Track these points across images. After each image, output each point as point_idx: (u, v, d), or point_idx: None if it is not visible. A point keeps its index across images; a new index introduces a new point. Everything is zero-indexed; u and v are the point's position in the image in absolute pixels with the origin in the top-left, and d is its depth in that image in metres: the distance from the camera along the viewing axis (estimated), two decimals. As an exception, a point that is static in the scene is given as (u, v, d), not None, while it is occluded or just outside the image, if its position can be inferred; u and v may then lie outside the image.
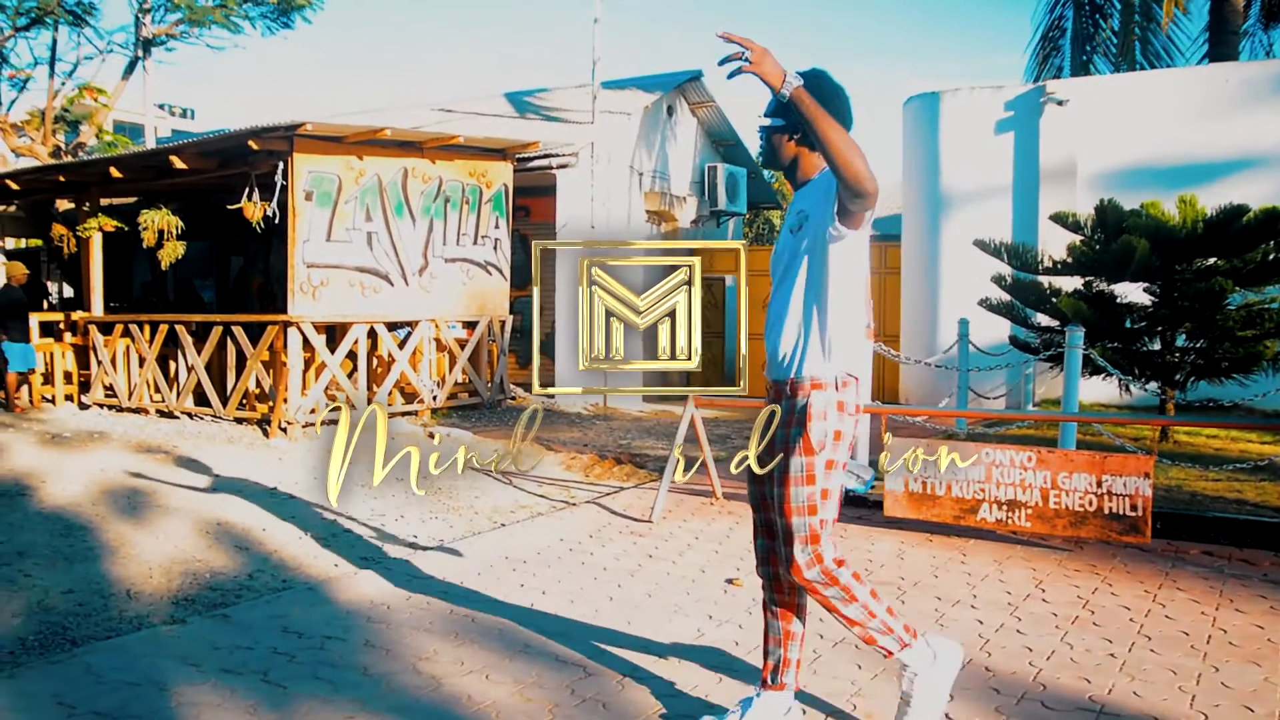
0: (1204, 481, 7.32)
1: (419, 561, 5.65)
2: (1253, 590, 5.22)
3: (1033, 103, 12.01)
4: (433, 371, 12.19)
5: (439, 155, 11.86)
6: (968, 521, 6.09)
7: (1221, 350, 8.39)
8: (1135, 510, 5.71)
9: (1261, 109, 11.14)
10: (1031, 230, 11.75)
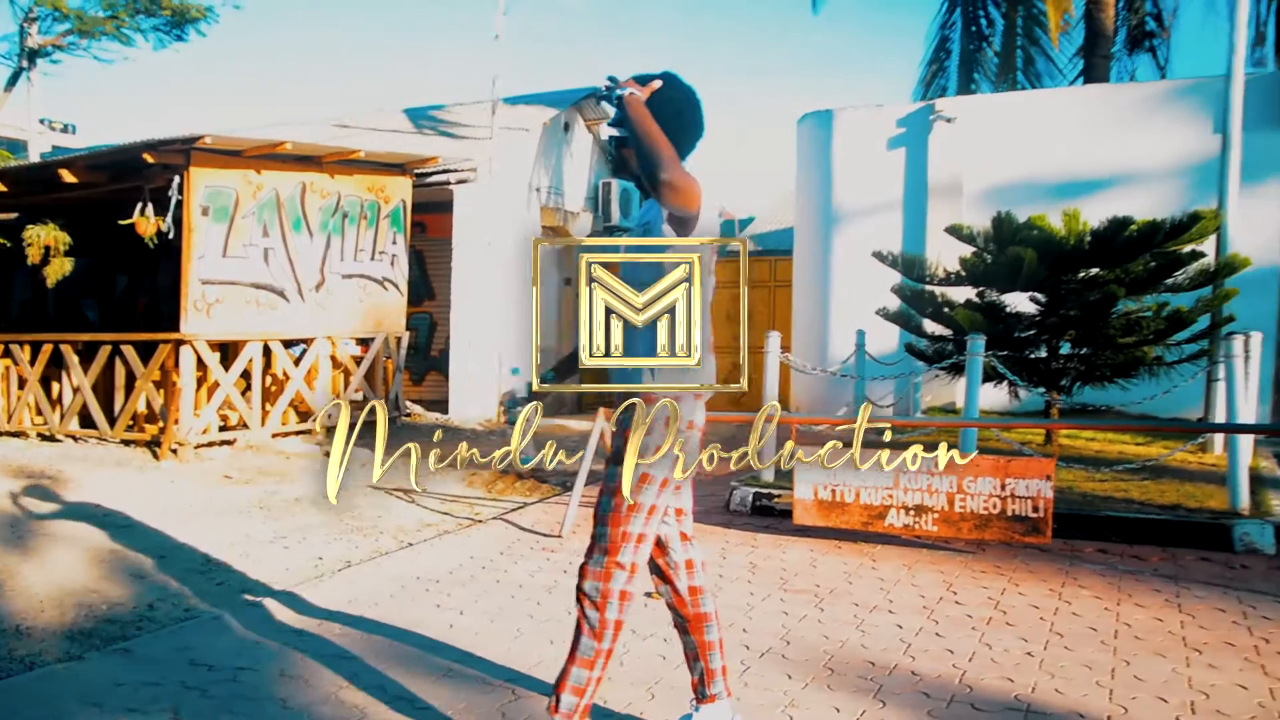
0: (1092, 482, 7.58)
1: (329, 585, 5.48)
2: (1147, 585, 5.43)
3: (922, 120, 12.36)
4: (328, 390, 11.91)
5: (338, 170, 11.64)
6: (876, 527, 6.20)
7: (1104, 357, 8.72)
8: (1037, 512, 5.89)
9: (1135, 127, 11.67)
10: (920, 242, 12.06)
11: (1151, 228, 8.23)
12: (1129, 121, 11.74)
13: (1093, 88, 13.69)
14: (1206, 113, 11.47)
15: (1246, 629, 4.68)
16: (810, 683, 3.97)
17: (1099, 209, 9.33)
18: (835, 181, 12.78)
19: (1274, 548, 6.11)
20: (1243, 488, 6.60)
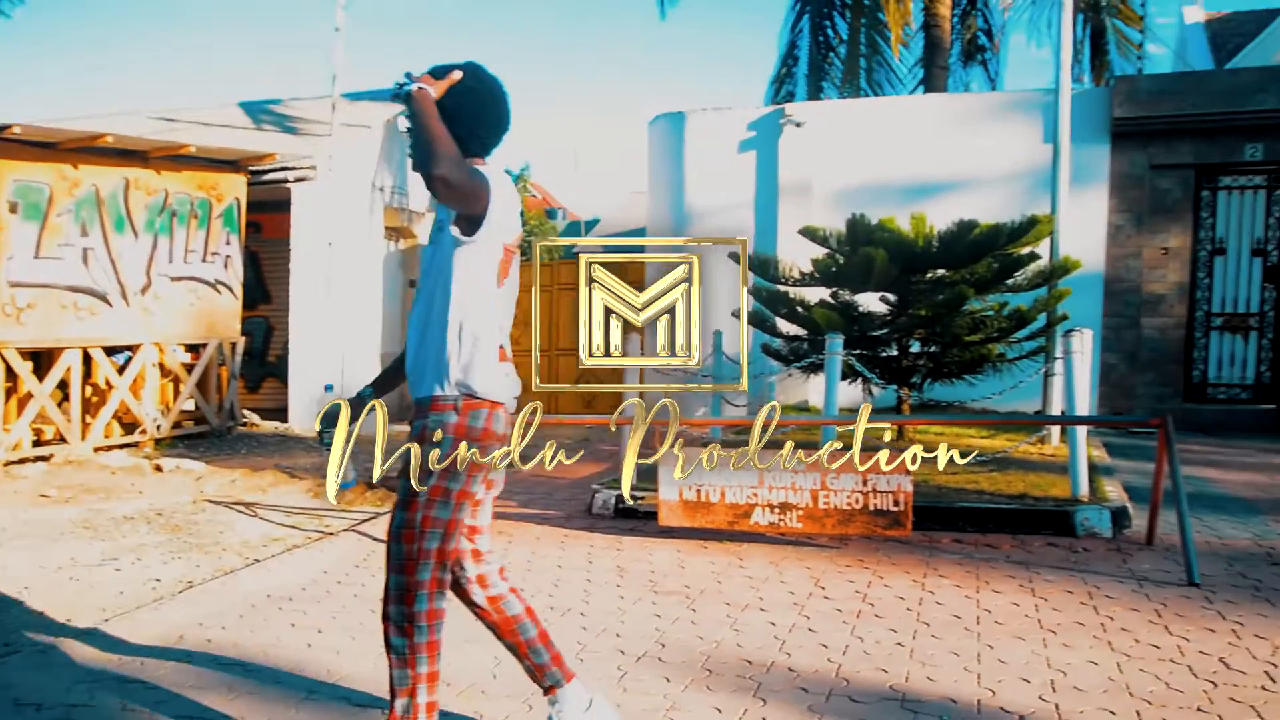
0: (945, 475, 7.79)
1: (170, 608, 5.11)
2: (1002, 571, 5.59)
3: (773, 124, 12.56)
4: (156, 399, 11.28)
5: (165, 166, 11.04)
6: (741, 526, 6.21)
7: (952, 354, 9.00)
8: (898, 505, 6.00)
9: (974, 135, 12.12)
10: (772, 243, 12.24)
11: (994, 231, 8.53)
12: (968, 129, 12.20)
13: (934, 96, 14.19)
14: (1036, 123, 12.02)
15: (1093, 608, 4.86)
16: (690, 685, 3.92)
17: (942, 211, 9.65)
18: (687, 183, 12.88)
19: (1111, 531, 6.40)
20: (1082, 476, 6.89)
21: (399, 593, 2.96)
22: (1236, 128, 11.49)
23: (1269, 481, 8.16)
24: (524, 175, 31.54)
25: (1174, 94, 11.59)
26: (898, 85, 15.73)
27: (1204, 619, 4.67)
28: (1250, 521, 6.74)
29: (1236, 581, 5.30)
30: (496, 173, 3.02)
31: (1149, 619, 4.68)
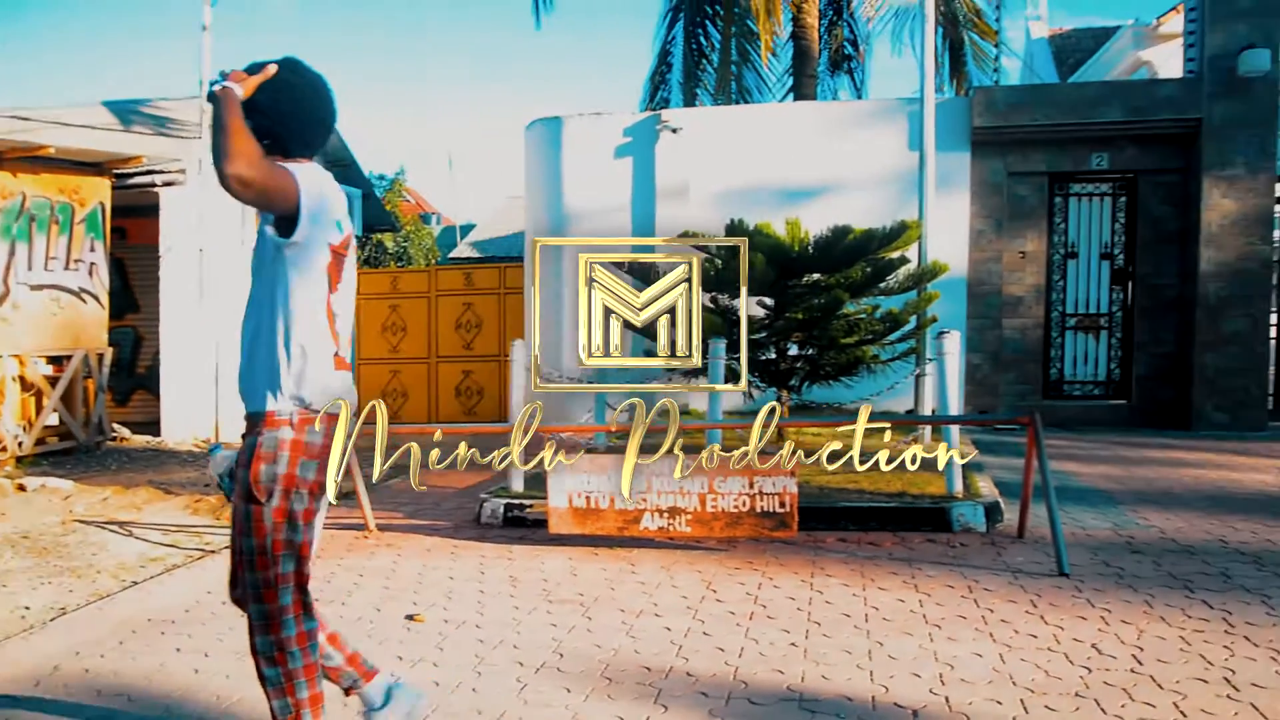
0: (824, 476, 7.98)
1: (42, 638, 4.86)
2: (885, 568, 5.78)
3: (649, 130, 12.68)
4: (17, 414, 10.76)
5: (22, 168, 10.53)
6: (631, 532, 6.27)
7: (829, 357, 9.23)
8: (784, 507, 6.15)
9: (844, 141, 12.45)
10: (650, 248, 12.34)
11: (868, 236, 8.79)
12: (838, 135, 12.52)
13: (807, 104, 14.52)
14: (902, 130, 12.41)
15: (973, 601, 5.07)
16: (590, 694, 3.95)
17: (815, 215, 9.91)
18: (566, 187, 12.90)
19: (985, 525, 6.67)
20: (956, 473, 7.16)
21: (263, 622, 2.87)
22: (1085, 138, 12.08)
23: (1124, 474, 8.61)
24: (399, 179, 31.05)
25: (1028, 105, 12.12)
26: (768, 93, 16.07)
27: (1075, 607, 4.91)
28: (1109, 512, 7.11)
29: (1102, 570, 5.59)
30: (313, 170, 2.91)
31: (1026, 610, 4.91)
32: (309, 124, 2.97)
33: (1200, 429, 11.27)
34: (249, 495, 2.81)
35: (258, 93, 2.84)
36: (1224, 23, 11.50)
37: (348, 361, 3.02)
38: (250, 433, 2.88)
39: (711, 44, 15.70)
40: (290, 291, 2.85)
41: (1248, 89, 11.44)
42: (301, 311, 2.86)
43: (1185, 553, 5.93)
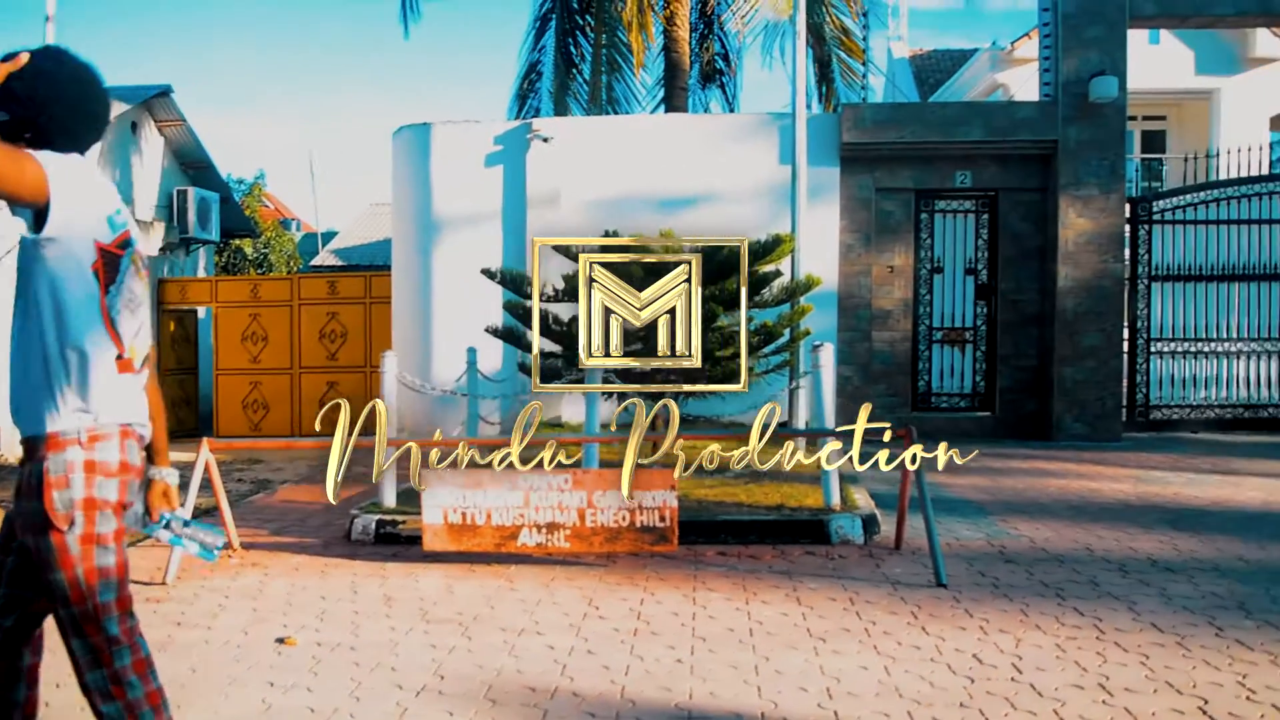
0: (702, 489, 7.96)
1: None
2: (767, 582, 5.76)
3: (520, 139, 12.51)
4: None
5: None
6: (509, 548, 6.11)
7: (705, 369, 9.21)
8: (664, 521, 6.08)
9: (716, 154, 12.51)
10: (521, 258, 12.19)
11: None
12: (711, 148, 12.58)
13: (680, 116, 14.57)
14: (773, 144, 12.55)
15: (856, 614, 5.07)
16: (474, 717, 3.78)
17: (688, 226, 9.94)
18: (435, 196, 12.62)
19: (863, 537, 6.73)
20: (834, 485, 7.21)
21: (92, 657, 2.61)
22: (949, 156, 12.42)
23: (992, 484, 8.83)
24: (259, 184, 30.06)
25: (895, 123, 12.39)
26: (638, 104, 16.09)
27: (955, 618, 4.96)
28: (981, 522, 7.26)
29: (978, 580, 5.68)
30: (74, 162, 2.68)
31: (907, 621, 4.93)
32: (71, 115, 2.73)
33: (1060, 440, 11.67)
34: (46, 526, 2.54)
35: (13, 81, 2.60)
36: (1076, 50, 11.97)
37: (135, 365, 2.74)
38: (32, 459, 2.60)
39: (582, 54, 15.64)
40: (55, 292, 2.60)
41: (1099, 113, 11.93)
42: (72, 313, 2.61)
43: (1055, 561, 6.07)
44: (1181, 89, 19.16)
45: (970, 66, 21.50)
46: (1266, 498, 8.01)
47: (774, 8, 14.00)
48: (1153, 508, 7.66)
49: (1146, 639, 4.56)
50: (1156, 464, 9.83)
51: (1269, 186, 12.71)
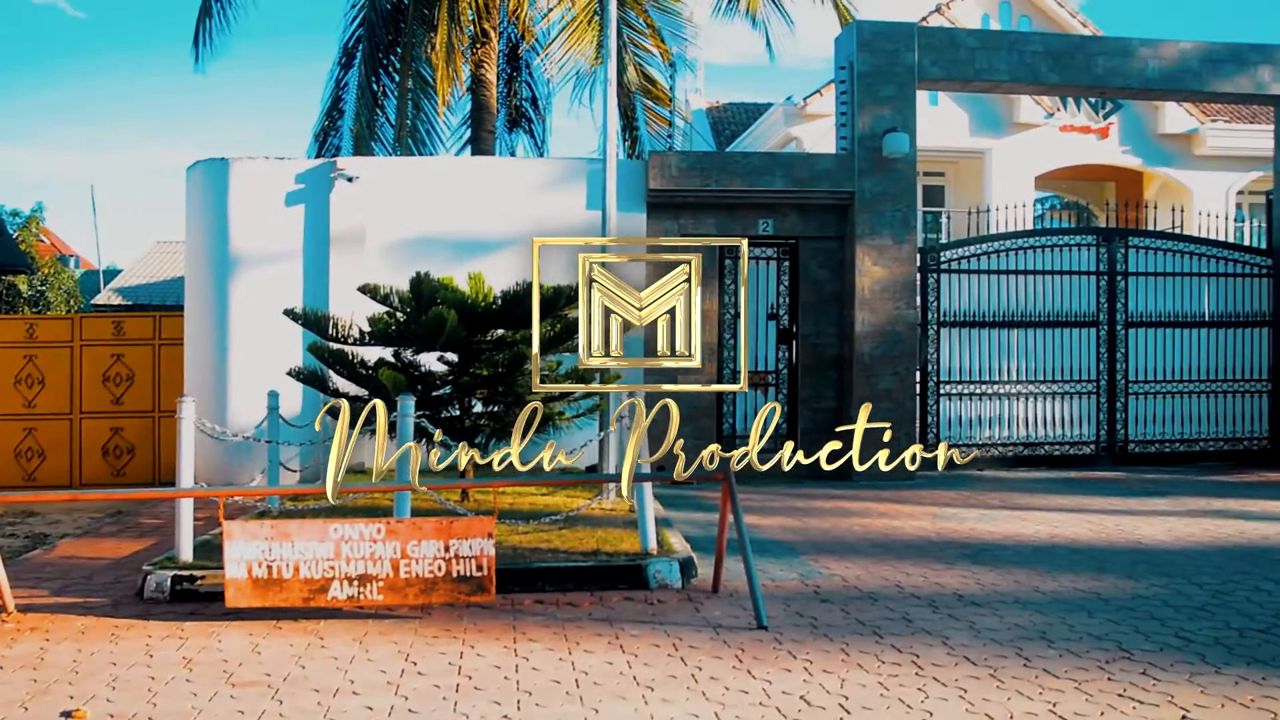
0: (517, 535, 7.82)
1: None
2: (588, 629, 5.67)
3: (323, 177, 12.10)
4: None
5: None
6: (318, 602, 5.82)
7: (515, 413, 9.08)
8: (481, 570, 5.92)
9: (524, 197, 12.45)
10: (324, 298, 11.76)
11: (556, 293, 8.77)
12: (519, 191, 12.51)
13: (489, 159, 14.44)
14: (581, 189, 12.62)
15: (680, 659, 5.05)
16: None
17: (496, 270, 9.84)
18: (232, 234, 12.03)
19: (681, 581, 6.74)
20: (650, 530, 7.20)
21: None
22: (753, 204, 12.78)
23: (800, 524, 9.03)
24: (35, 217, 28.01)
25: (700, 170, 12.67)
26: (445, 145, 15.87)
27: (779, 660, 5.00)
28: (793, 562, 7.39)
29: (796, 621, 5.76)
30: None
31: (732, 665, 4.94)
32: None
33: (860, 479, 12.04)
34: None
35: None
36: (870, 107, 12.58)
37: None
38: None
39: (386, 92, 15.33)
40: None
41: (892, 168, 12.54)
42: None
43: (868, 599, 6.24)
44: (958, 148, 20.38)
45: (765, 120, 22.26)
46: (1052, 531, 8.51)
47: (583, 56, 14.13)
48: (952, 543, 8.01)
49: (962, 673, 4.72)
50: (950, 501, 10.30)
51: (1037, 240, 13.66)
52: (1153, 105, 19.59)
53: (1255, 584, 6.53)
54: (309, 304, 11.43)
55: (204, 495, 7.55)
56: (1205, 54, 13.45)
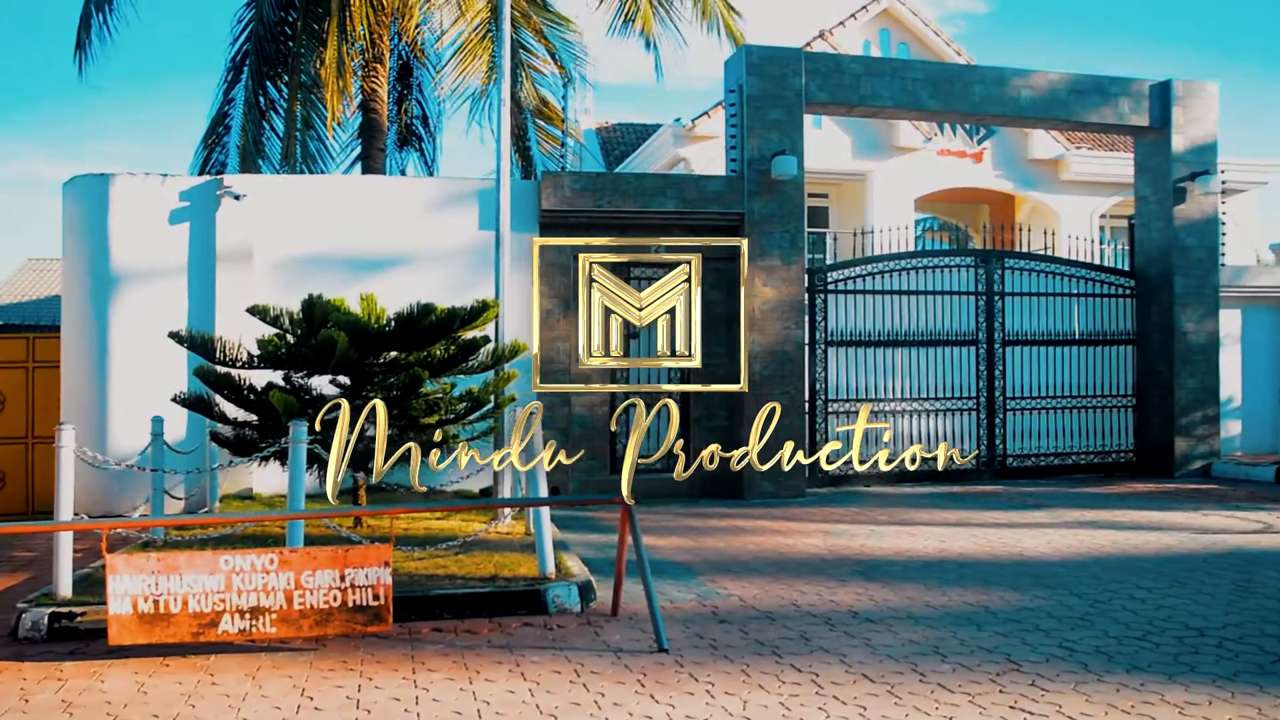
0: (412, 562, 7.72)
1: None
2: (488, 657, 5.64)
3: (209, 195, 11.78)
4: None
5: None
6: (208, 637, 5.66)
7: (409, 437, 8.98)
8: (378, 599, 5.84)
9: (417, 216, 12.33)
10: (209, 320, 11.47)
11: (450, 314, 8.71)
12: (411, 211, 12.39)
13: (381, 178, 14.26)
14: (474, 209, 12.56)
15: (583, 686, 5.06)
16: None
17: (387, 290, 9.76)
18: (113, 253, 11.61)
19: (580, 605, 6.74)
20: (549, 554, 7.19)
21: None
22: (646, 224, 12.89)
23: (695, 544, 9.11)
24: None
25: (593, 191, 12.74)
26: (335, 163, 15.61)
27: (680, 683, 5.05)
28: (691, 583, 7.46)
29: (696, 643, 5.82)
30: None
31: (635, 690, 4.97)
32: None
33: (752, 497, 12.24)
34: None
35: None
36: (759, 131, 12.82)
37: None
38: None
39: (275, 109, 15.01)
40: None
41: (780, 190, 12.80)
42: None
43: (766, 619, 6.33)
44: (841, 170, 20.87)
45: (654, 140, 22.46)
46: (940, 546, 8.76)
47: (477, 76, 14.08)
48: (844, 561, 8.18)
49: (861, 690, 4.83)
50: (840, 518, 10.53)
51: (920, 261, 14.09)
52: (1023, 132, 20.39)
53: (1129, 592, 6.84)
54: (194, 325, 11.13)
55: (85, 528, 7.29)
56: (1072, 85, 14.12)
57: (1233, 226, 17.18)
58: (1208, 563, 7.86)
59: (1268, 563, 7.83)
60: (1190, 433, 14.36)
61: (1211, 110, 14.70)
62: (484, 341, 9.25)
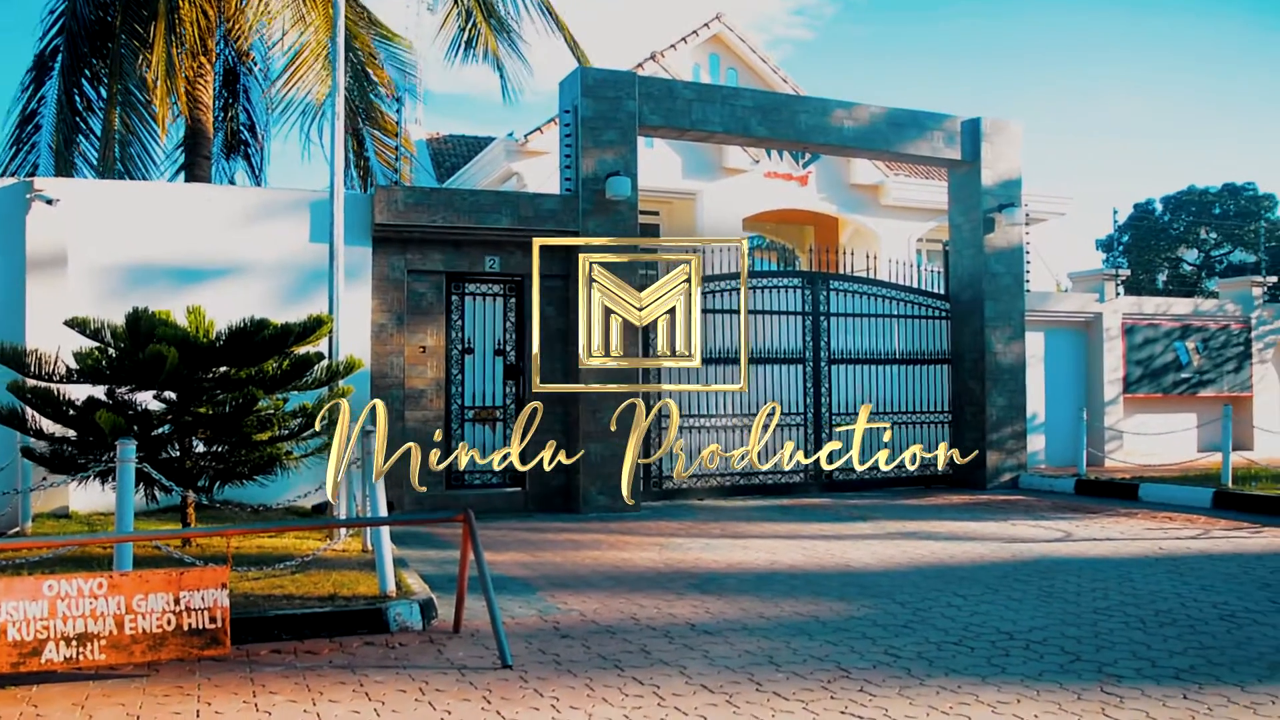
0: (248, 582, 7.54)
1: None
2: (330, 678, 5.60)
3: (18, 198, 11.17)
4: None
5: None
6: (30, 666, 5.42)
7: (241, 454, 8.78)
8: (215, 622, 5.72)
9: (245, 227, 12.01)
10: (18, 329, 10.87)
11: (284, 330, 8.56)
12: (239, 221, 12.07)
13: (209, 186, 13.81)
14: (304, 221, 12.33)
15: (429, 704, 5.09)
16: None
17: (212, 301, 9.50)
18: (-92, 260, 10.91)
19: (422, 623, 6.74)
20: (389, 572, 7.15)
21: None
22: (479, 241, 12.93)
23: (533, 559, 9.20)
24: None
25: (427, 206, 12.68)
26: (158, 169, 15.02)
27: (526, 699, 5.14)
28: (531, 599, 7.54)
29: (539, 658, 5.91)
30: None
31: (481, 707, 5.03)
32: None
33: (588, 511, 12.40)
34: None
35: None
36: (594, 151, 13.04)
37: None
38: None
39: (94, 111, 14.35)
40: None
41: (615, 209, 13.05)
42: None
43: (607, 633, 6.48)
44: (672, 189, 21.32)
45: (486, 154, 22.41)
46: (772, 558, 9.10)
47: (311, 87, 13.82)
48: (680, 574, 8.42)
49: (702, 701, 5.03)
50: (675, 531, 10.79)
51: (753, 282, 14.63)
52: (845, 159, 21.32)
53: (948, 600, 7.30)
54: (2, 336, 10.54)
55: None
56: (890, 118, 14.91)
57: (1036, 255, 18.38)
58: (1016, 570, 8.45)
59: (1068, 569, 8.47)
60: (1000, 447, 15.33)
61: (1015, 147, 15.77)
62: (318, 358, 9.12)
